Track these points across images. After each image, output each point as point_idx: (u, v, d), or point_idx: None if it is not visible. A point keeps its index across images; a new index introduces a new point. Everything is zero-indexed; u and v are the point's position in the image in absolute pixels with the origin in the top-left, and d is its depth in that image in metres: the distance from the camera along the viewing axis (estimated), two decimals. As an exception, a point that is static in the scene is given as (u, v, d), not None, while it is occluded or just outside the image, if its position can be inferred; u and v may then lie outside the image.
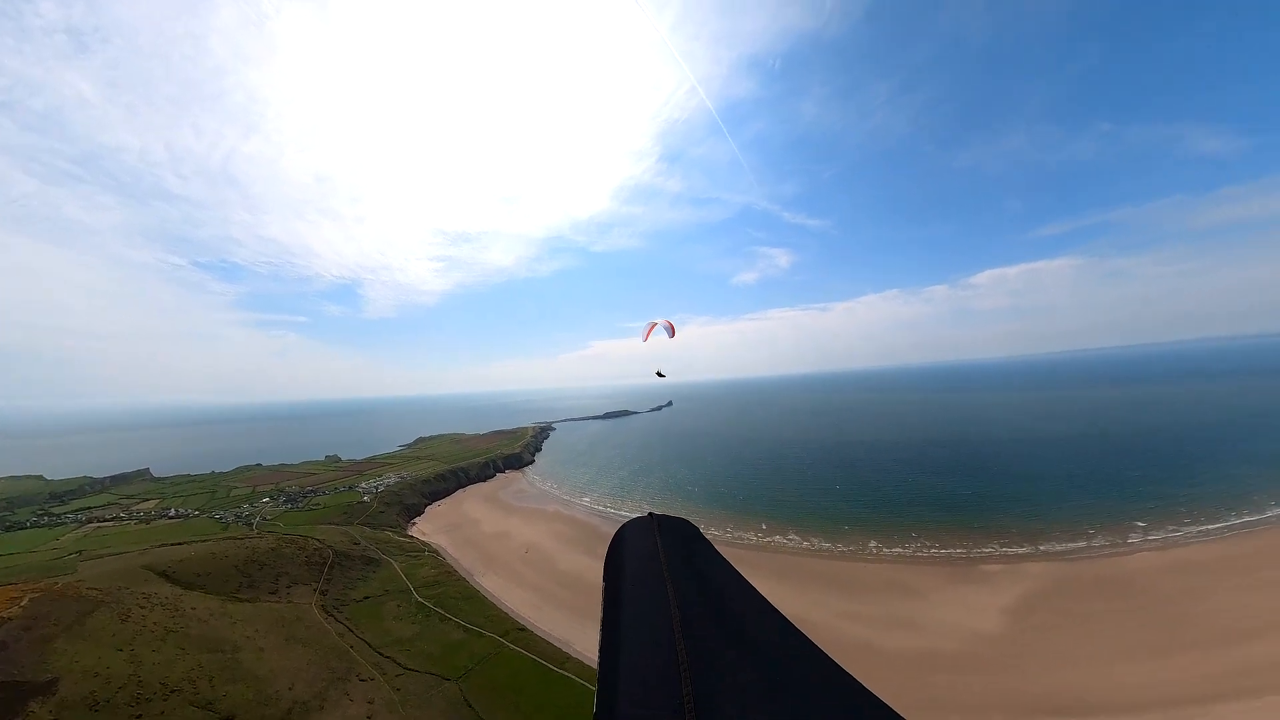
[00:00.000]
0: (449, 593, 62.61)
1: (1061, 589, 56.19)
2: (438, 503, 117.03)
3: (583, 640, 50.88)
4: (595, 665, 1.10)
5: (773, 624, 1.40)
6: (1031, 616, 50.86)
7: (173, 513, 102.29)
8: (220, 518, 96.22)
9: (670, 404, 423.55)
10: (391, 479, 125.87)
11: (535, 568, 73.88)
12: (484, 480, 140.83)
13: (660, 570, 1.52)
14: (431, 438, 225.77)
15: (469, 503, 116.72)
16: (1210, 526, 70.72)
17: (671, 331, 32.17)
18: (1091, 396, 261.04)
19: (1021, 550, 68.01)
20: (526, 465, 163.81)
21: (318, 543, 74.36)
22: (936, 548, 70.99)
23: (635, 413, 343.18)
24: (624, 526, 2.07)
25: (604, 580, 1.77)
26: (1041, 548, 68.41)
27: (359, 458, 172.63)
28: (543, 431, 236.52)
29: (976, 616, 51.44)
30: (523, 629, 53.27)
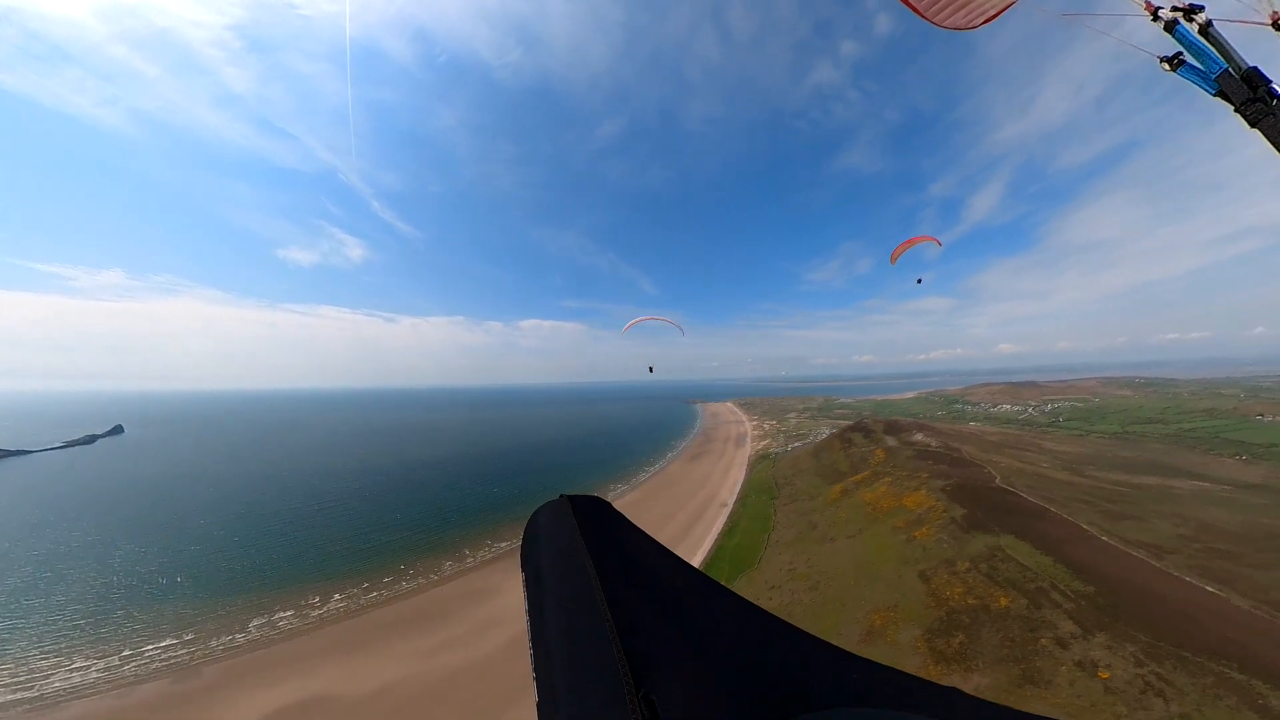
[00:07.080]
0: None
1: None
2: None
3: None
4: None
5: (696, 585, 1.48)
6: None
7: None
8: None
9: (120, 429, 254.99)
10: None
11: None
12: None
13: (579, 547, 1.52)
14: None
15: None
16: (641, 476, 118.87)
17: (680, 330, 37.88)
18: (579, 411, 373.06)
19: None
20: None
21: None
22: (502, 543, 79.12)
23: (25, 452, 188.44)
24: (537, 511, 1.98)
25: (523, 568, 1.71)
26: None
27: None
28: None
29: (537, 591, 60.87)
30: None
